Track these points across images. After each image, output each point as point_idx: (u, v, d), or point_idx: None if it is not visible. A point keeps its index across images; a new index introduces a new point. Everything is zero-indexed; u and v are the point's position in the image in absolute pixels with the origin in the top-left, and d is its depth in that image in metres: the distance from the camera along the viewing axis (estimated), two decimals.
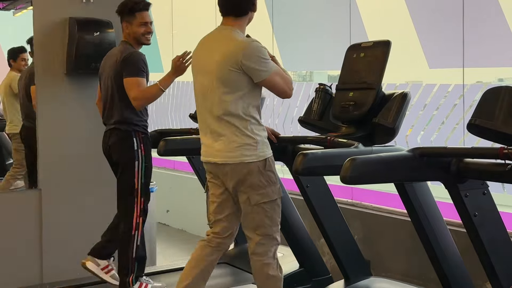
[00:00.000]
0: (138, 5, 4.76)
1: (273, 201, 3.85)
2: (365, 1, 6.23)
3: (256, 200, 3.81)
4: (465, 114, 5.23)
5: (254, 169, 3.76)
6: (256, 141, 3.76)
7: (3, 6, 7.53)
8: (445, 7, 5.50)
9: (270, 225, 3.86)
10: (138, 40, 4.79)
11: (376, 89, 3.95)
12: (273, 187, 3.83)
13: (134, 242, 4.75)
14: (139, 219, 4.77)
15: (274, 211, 3.87)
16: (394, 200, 5.24)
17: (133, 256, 4.76)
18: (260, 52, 3.73)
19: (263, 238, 3.86)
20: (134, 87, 4.62)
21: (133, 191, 4.74)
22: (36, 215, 5.51)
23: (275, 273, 3.87)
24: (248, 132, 3.74)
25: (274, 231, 3.88)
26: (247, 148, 3.75)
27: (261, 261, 3.87)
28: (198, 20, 8.89)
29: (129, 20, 4.76)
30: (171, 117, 9.41)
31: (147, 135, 4.83)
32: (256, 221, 3.85)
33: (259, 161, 3.77)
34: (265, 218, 3.84)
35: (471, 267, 3.87)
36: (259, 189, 3.80)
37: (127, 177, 4.75)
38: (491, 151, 3.01)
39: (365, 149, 3.62)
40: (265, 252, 3.86)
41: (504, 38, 5.05)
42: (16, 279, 5.38)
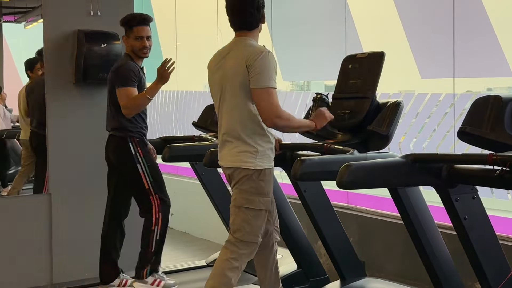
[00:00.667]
0: (135, 20, 4.89)
1: (258, 211, 3.85)
2: (360, 14, 6.25)
3: (240, 203, 3.85)
4: (456, 122, 5.24)
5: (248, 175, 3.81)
6: (257, 150, 3.81)
7: (14, 19, 7.57)
8: (437, 20, 5.54)
9: (248, 232, 3.85)
10: (135, 53, 4.90)
11: (370, 98, 3.99)
12: (261, 198, 3.85)
13: (154, 236, 4.89)
14: (158, 214, 4.89)
15: (256, 220, 3.86)
16: (387, 204, 5.26)
17: (151, 250, 4.89)
18: (271, 63, 3.76)
19: (239, 242, 3.87)
20: (123, 96, 4.76)
21: (146, 192, 4.86)
22: (46, 218, 5.58)
23: (230, 275, 3.83)
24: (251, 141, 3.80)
25: (250, 239, 3.87)
26: (247, 155, 3.80)
27: (228, 256, 3.86)
28: (201, 32, 8.89)
29: (127, 33, 4.91)
30: (175, 124, 9.36)
31: (142, 139, 4.92)
32: (236, 223, 3.88)
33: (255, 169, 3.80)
34: (244, 223, 3.85)
35: (461, 267, 3.89)
36: (247, 194, 3.83)
37: (136, 182, 4.88)
38: (480, 157, 2.98)
39: (360, 156, 3.64)
40: (234, 252, 3.86)
41: (492, 50, 5.08)
42: (27, 280, 5.46)
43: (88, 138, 5.63)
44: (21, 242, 5.54)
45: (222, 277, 3.84)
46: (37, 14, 6.83)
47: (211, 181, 5.63)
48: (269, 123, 3.77)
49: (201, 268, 5.71)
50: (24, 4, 7.28)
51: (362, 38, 6.14)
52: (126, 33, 4.92)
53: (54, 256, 5.59)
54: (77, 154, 5.67)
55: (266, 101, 3.73)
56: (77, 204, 5.67)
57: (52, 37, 5.61)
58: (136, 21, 4.89)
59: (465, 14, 5.20)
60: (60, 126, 5.66)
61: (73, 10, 5.65)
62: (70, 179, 5.67)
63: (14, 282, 5.44)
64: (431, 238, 3.75)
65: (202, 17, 8.95)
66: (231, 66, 3.85)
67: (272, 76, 3.77)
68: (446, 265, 3.77)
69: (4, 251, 5.48)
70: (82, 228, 5.35)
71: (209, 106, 5.70)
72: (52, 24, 5.61)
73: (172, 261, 6.41)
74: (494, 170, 2.90)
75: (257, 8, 3.90)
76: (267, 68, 3.76)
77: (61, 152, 5.66)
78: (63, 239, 5.60)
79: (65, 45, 5.60)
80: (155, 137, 6.15)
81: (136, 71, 4.84)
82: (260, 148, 3.82)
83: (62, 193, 5.64)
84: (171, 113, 9.57)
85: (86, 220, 5.36)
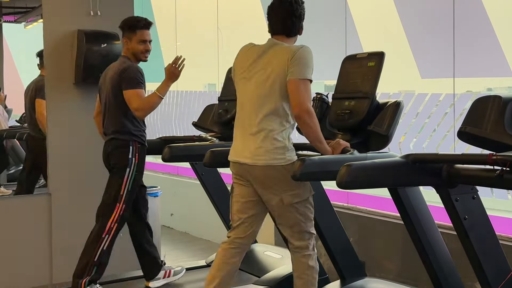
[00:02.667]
0: (139, 23, 4.84)
1: (305, 200, 3.90)
2: (360, 14, 6.26)
3: (289, 201, 3.86)
4: (456, 122, 5.25)
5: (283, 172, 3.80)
6: (286, 146, 3.82)
7: (14, 19, 7.61)
8: (437, 20, 5.55)
9: (304, 222, 3.92)
10: (136, 56, 4.86)
11: (370, 98, 3.98)
12: (303, 187, 3.87)
13: (101, 245, 4.74)
14: (114, 224, 4.76)
15: (306, 208, 3.91)
16: (387, 204, 5.27)
17: (94, 259, 4.72)
18: (310, 57, 3.83)
19: (300, 233, 3.93)
20: (134, 98, 4.69)
21: (117, 196, 4.78)
22: (46, 218, 5.61)
23: (313, 263, 3.96)
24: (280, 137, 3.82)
25: (308, 226, 3.94)
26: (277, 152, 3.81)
27: (301, 253, 3.95)
28: (201, 32, 8.91)
29: (129, 36, 4.84)
30: (175, 125, 9.39)
31: (143, 145, 4.87)
32: (290, 220, 3.91)
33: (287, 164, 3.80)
34: (298, 216, 3.89)
35: (461, 268, 3.90)
36: (290, 190, 3.84)
37: (115, 181, 4.81)
38: (480, 157, 2.99)
39: (360, 156, 3.65)
40: (304, 245, 3.94)
41: (492, 50, 5.10)
42: (27, 280, 5.48)
43: (88, 138, 5.62)
44: (21, 242, 5.56)
45: (310, 270, 3.97)
46: (37, 14, 6.87)
47: (211, 181, 5.65)
48: (296, 113, 3.79)
49: (201, 268, 5.71)
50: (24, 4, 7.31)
51: (362, 38, 6.15)
52: (128, 36, 4.86)
53: (54, 256, 5.62)
54: (77, 154, 5.69)
55: (301, 92, 3.76)
56: (77, 204, 5.68)
57: (52, 37, 5.62)
58: (141, 24, 4.84)
59: (465, 14, 5.21)
60: (60, 126, 5.67)
61: (73, 10, 5.66)
62: (70, 179, 5.69)
63: (14, 282, 5.46)
64: (431, 238, 3.76)
65: (202, 17, 8.98)
66: (269, 63, 3.87)
67: (310, 69, 3.81)
68: (446, 265, 3.78)
69: (4, 251, 5.50)
70: (82, 228, 5.31)
71: (209, 106, 5.71)
72: (52, 24, 5.62)
73: (172, 261, 6.41)
74: (494, 170, 2.89)
75: (298, 17, 4.03)
76: (307, 60, 3.81)
77: (61, 152, 5.67)
78: (63, 239, 5.62)
79: (65, 45, 5.62)
80: (155, 137, 6.15)
81: (142, 73, 4.81)
82: (288, 143, 3.84)
83: (62, 193, 5.66)
84: (171, 113, 9.59)
85: (86, 220, 5.33)
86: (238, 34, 7.87)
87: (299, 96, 3.75)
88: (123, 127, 4.81)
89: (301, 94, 3.75)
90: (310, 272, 3.96)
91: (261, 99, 3.86)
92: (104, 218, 4.80)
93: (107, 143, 4.91)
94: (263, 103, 3.85)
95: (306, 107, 3.74)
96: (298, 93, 3.75)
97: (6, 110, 8.02)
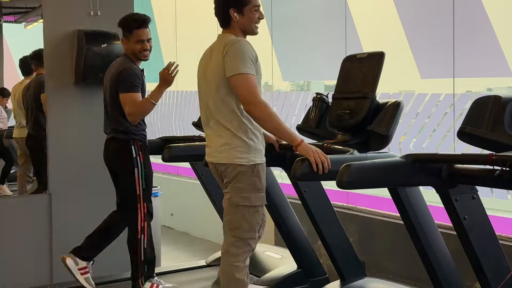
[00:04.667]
0: (135, 23, 4.79)
1: (254, 207, 3.82)
2: (360, 14, 6.27)
3: (237, 201, 3.81)
4: (456, 122, 5.24)
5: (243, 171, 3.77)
6: (249, 145, 3.78)
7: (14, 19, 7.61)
8: (437, 20, 5.55)
9: (247, 230, 3.83)
10: (136, 56, 4.83)
11: (370, 98, 3.98)
12: (256, 194, 3.82)
13: (141, 245, 4.79)
14: (143, 223, 4.80)
15: (253, 217, 3.83)
16: (387, 204, 5.25)
17: (141, 259, 4.80)
18: (244, 50, 3.73)
19: (238, 240, 3.84)
20: (128, 103, 4.68)
21: (135, 198, 4.78)
22: (46, 218, 5.60)
23: (241, 277, 3.82)
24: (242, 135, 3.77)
25: (250, 236, 3.84)
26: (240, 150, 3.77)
27: (231, 262, 3.83)
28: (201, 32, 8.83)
29: (127, 36, 4.82)
30: (175, 125, 9.40)
31: (144, 143, 4.86)
32: (233, 222, 3.84)
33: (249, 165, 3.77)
34: (242, 221, 3.82)
35: (461, 267, 3.89)
36: (242, 192, 3.80)
37: (128, 185, 4.80)
38: (480, 157, 2.99)
39: (360, 156, 3.63)
40: (236, 254, 3.83)
41: (492, 50, 5.09)
42: (27, 280, 5.47)
43: (88, 138, 5.62)
44: (21, 242, 5.56)
45: (235, 282, 3.83)
46: (37, 14, 6.87)
47: (211, 181, 5.63)
48: (245, 109, 3.74)
49: (201, 268, 5.73)
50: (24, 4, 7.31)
51: (362, 38, 6.16)
52: (126, 36, 4.84)
53: (54, 256, 5.59)
54: (77, 154, 5.68)
55: (242, 87, 3.70)
56: (77, 204, 5.68)
57: (52, 37, 5.62)
58: (137, 24, 4.80)
59: (465, 14, 5.21)
60: (60, 126, 5.66)
61: (73, 10, 5.66)
62: (70, 179, 5.68)
63: (14, 282, 5.46)
64: (430, 238, 3.75)
65: (202, 17, 8.97)
66: (213, 61, 3.85)
67: (246, 62, 3.71)
68: (445, 265, 3.78)
69: (4, 251, 5.50)
70: (82, 228, 5.33)
71: None
72: (52, 24, 5.62)
73: (172, 261, 6.44)
74: (494, 170, 2.90)
75: (224, 4, 3.89)
76: (240, 53, 3.73)
77: (61, 152, 5.67)
78: (63, 239, 5.59)
79: (65, 45, 5.61)
80: (155, 137, 6.16)
81: (139, 75, 4.79)
82: (252, 143, 3.79)
83: (62, 193, 5.66)
84: (171, 113, 9.60)
85: (86, 220, 5.35)
86: None
87: (241, 91, 3.70)
88: (123, 127, 4.79)
89: (242, 89, 3.70)
90: (234, 285, 3.82)
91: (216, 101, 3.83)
92: (132, 224, 4.84)
93: (108, 143, 4.91)
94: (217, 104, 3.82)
95: (250, 101, 3.68)
96: (240, 89, 3.70)
97: (6, 110, 8.02)
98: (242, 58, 3.72)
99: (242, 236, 3.85)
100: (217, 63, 3.80)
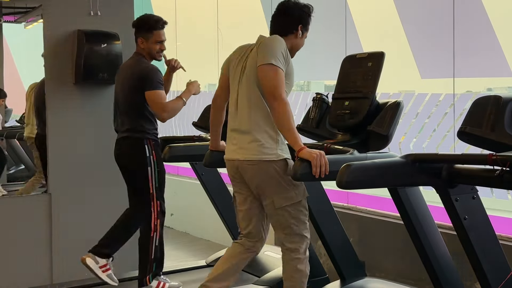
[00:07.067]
0: (158, 24, 4.82)
1: (297, 203, 3.84)
2: (360, 14, 6.26)
3: (280, 204, 3.82)
4: (456, 122, 5.25)
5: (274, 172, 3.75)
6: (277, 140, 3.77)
7: (14, 19, 7.60)
8: (437, 20, 5.55)
9: (297, 225, 3.86)
10: (151, 56, 4.85)
11: (370, 98, 3.98)
12: (296, 190, 3.82)
13: (153, 243, 4.84)
14: (156, 221, 4.84)
15: (299, 211, 3.85)
16: (387, 204, 5.27)
17: (152, 257, 4.85)
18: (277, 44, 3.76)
19: (292, 236, 3.88)
20: (158, 100, 4.74)
21: (149, 196, 4.82)
22: (46, 218, 5.61)
23: (303, 267, 3.90)
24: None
25: (301, 230, 3.88)
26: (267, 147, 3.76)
27: (291, 255, 3.90)
28: (201, 32, 8.92)
29: (146, 36, 4.81)
30: (175, 124, 9.40)
31: (157, 141, 4.90)
32: (282, 222, 3.86)
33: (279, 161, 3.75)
34: (290, 219, 3.84)
35: (461, 268, 3.92)
36: (282, 192, 3.80)
37: (142, 183, 4.83)
38: (480, 157, 3.00)
39: (360, 156, 3.62)
40: (295, 249, 3.89)
41: (492, 50, 5.09)
42: (27, 280, 5.48)
43: (88, 138, 5.65)
44: (21, 242, 5.57)
45: (299, 273, 3.92)
46: (37, 14, 6.85)
47: (211, 181, 5.65)
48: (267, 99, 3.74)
49: (201, 268, 5.72)
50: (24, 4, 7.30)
51: (362, 38, 6.16)
52: (144, 35, 4.83)
53: (54, 256, 5.62)
54: (77, 154, 5.69)
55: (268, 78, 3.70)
56: (77, 204, 5.68)
57: (52, 37, 5.62)
58: (159, 24, 4.83)
59: (465, 14, 5.21)
60: (60, 126, 5.67)
61: (73, 10, 5.66)
62: (70, 179, 5.68)
63: (14, 282, 5.47)
64: (431, 238, 3.75)
65: (202, 17, 8.98)
66: (253, 59, 3.85)
67: (278, 56, 3.71)
68: (445, 265, 3.78)
69: (4, 251, 5.51)
70: (82, 228, 5.36)
71: (209, 106, 5.69)
72: (52, 24, 5.62)
73: (172, 261, 6.43)
74: (494, 170, 2.90)
75: (294, 17, 3.96)
76: (273, 46, 3.75)
77: (61, 152, 5.67)
78: (63, 239, 5.63)
79: (65, 45, 5.62)
80: None
81: (160, 73, 4.81)
82: (279, 137, 3.79)
83: (62, 193, 5.66)
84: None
85: (86, 220, 5.37)
86: (238, 34, 7.89)
87: (266, 80, 3.70)
88: (139, 126, 4.83)
89: (267, 78, 3.69)
90: (298, 276, 3.91)
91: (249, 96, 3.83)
92: (146, 221, 4.87)
93: (120, 142, 4.92)
94: (250, 99, 3.82)
95: (274, 93, 3.66)
96: (265, 78, 3.71)
97: (6, 110, 8.01)
98: (274, 51, 3.72)
99: (294, 232, 3.89)
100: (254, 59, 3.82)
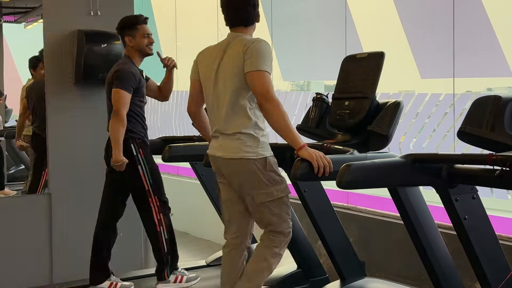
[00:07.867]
0: (140, 18, 4.91)
1: (278, 200, 3.84)
2: (360, 14, 6.26)
3: (260, 199, 3.82)
4: (456, 122, 5.24)
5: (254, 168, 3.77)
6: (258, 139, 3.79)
7: (14, 19, 7.62)
8: (436, 20, 5.54)
9: (278, 222, 3.86)
10: (142, 51, 4.89)
11: (370, 98, 3.98)
12: (276, 186, 3.82)
13: (162, 237, 4.92)
14: (159, 215, 4.91)
15: (280, 208, 3.85)
16: (387, 204, 5.25)
17: (165, 250, 4.93)
18: (265, 50, 3.75)
19: (272, 233, 3.89)
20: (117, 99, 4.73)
21: (146, 193, 4.86)
22: (46, 218, 5.62)
23: (272, 261, 3.88)
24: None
25: (283, 227, 3.88)
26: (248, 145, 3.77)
27: (268, 245, 3.89)
28: (201, 32, 8.92)
29: (131, 33, 4.87)
30: (175, 125, 9.42)
31: (143, 139, 4.90)
32: (263, 218, 3.88)
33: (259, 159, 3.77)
34: (271, 216, 3.84)
35: (461, 268, 3.88)
36: (263, 188, 3.80)
37: (135, 183, 4.86)
38: (480, 157, 2.99)
39: (360, 156, 3.61)
40: (272, 241, 3.89)
41: (492, 50, 5.08)
42: (27, 280, 5.48)
43: (88, 138, 5.64)
44: (21, 242, 5.57)
45: (263, 261, 3.89)
46: (37, 14, 6.87)
47: (211, 181, 5.64)
48: (258, 102, 3.76)
49: (201, 268, 5.72)
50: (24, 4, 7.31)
51: (362, 38, 6.16)
52: (130, 34, 4.88)
53: (54, 256, 5.63)
54: (77, 154, 5.70)
55: (260, 82, 3.71)
56: (77, 204, 5.69)
57: (52, 37, 5.63)
58: (142, 19, 4.92)
59: (465, 14, 5.21)
60: (60, 126, 5.68)
61: (73, 10, 5.67)
62: (70, 179, 5.69)
63: (14, 282, 5.46)
64: (431, 238, 3.74)
65: (202, 17, 8.98)
66: (230, 59, 3.84)
67: (266, 61, 3.74)
68: (445, 265, 3.77)
69: (4, 251, 5.51)
70: (82, 228, 5.36)
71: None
72: (52, 24, 5.63)
73: None
74: (494, 170, 2.89)
75: (253, 5, 3.94)
76: (262, 53, 3.75)
77: (61, 152, 5.68)
78: (63, 239, 5.63)
79: (65, 45, 5.63)
80: (155, 137, 6.16)
81: (136, 74, 4.82)
82: (260, 136, 3.81)
83: (62, 193, 5.67)
84: (171, 113, 9.61)
85: (86, 220, 5.36)
86: None
87: (258, 85, 3.71)
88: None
89: (259, 83, 3.70)
90: (264, 265, 3.88)
91: (228, 96, 3.82)
92: (149, 218, 4.94)
93: (107, 143, 4.91)
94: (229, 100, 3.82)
95: (267, 96, 3.69)
96: (257, 83, 3.71)
97: (6, 110, 8.02)
98: (263, 57, 3.74)
99: (276, 229, 3.89)
100: (232, 60, 3.81)
